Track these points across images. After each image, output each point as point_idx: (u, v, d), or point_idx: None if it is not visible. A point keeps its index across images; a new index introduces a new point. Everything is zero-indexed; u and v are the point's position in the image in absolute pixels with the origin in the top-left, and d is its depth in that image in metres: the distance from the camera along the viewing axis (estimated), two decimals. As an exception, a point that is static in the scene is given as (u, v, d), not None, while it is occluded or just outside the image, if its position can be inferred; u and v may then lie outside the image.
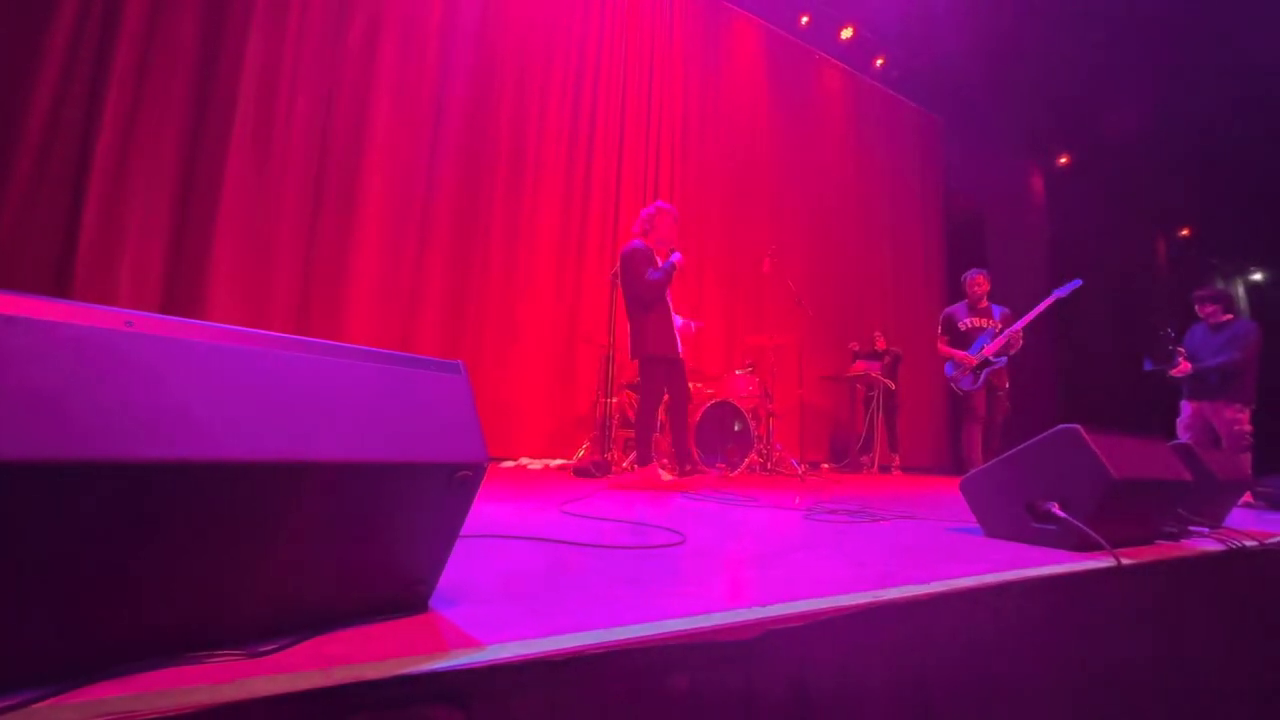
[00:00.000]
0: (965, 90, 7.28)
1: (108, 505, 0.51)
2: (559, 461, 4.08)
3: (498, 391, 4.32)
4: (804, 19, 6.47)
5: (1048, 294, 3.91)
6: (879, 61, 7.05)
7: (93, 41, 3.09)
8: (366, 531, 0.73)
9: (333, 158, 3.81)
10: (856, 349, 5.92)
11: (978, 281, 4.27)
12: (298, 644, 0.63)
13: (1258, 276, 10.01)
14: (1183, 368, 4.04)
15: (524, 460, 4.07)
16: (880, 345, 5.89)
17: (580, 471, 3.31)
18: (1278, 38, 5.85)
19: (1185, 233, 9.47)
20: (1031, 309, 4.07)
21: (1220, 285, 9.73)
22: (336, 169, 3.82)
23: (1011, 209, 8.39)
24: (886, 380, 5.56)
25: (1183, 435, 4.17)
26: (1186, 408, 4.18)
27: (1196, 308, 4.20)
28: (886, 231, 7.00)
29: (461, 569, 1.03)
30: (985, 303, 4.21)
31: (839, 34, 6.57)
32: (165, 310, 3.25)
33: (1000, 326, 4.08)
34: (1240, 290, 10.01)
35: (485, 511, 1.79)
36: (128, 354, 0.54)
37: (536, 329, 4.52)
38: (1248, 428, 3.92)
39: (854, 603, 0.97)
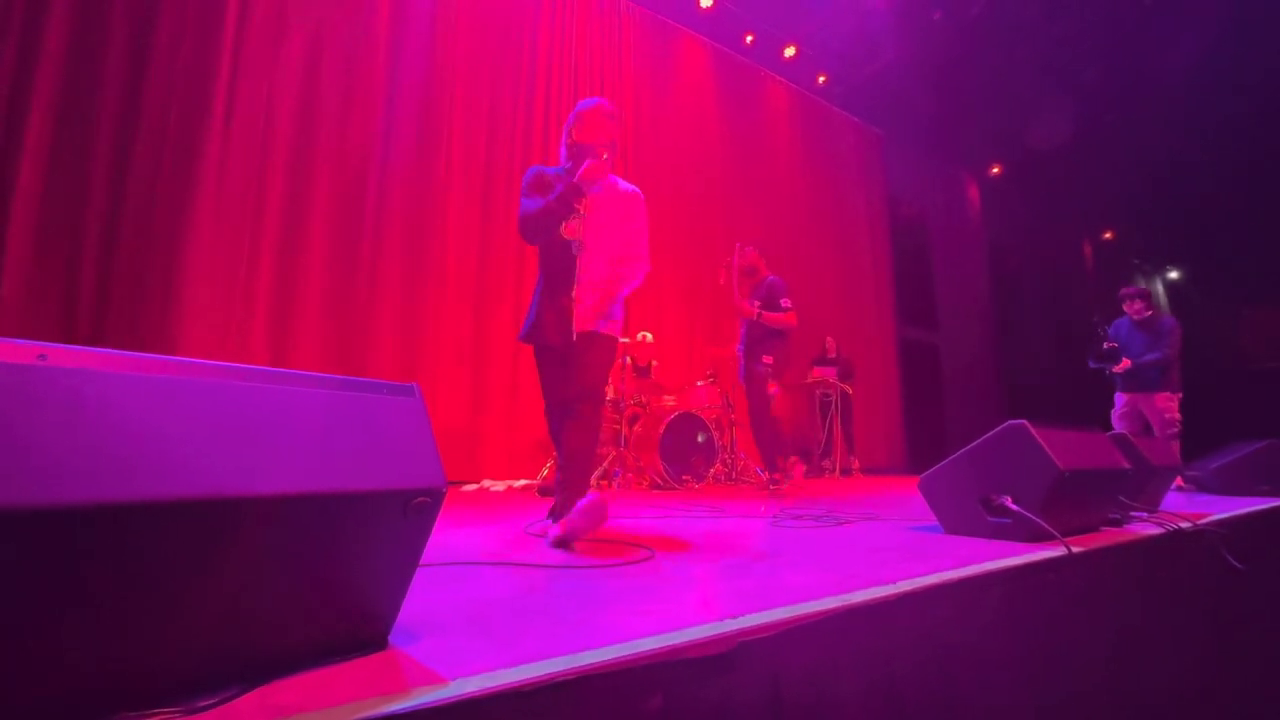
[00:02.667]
0: (903, 104, 7.61)
1: (23, 555, 0.47)
2: (523, 482, 4.00)
3: (458, 413, 4.22)
4: (749, 38, 6.66)
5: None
6: (821, 78, 7.31)
7: (9, 60, 2.91)
8: (317, 567, 0.69)
9: (278, 175, 3.67)
10: (816, 356, 6.06)
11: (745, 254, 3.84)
12: (243, 695, 0.58)
13: (1174, 274, 10.77)
14: (1124, 365, 4.28)
15: (486, 483, 3.97)
16: (830, 352, 6.04)
17: (545, 491, 3.25)
18: (1182, 57, 6.35)
19: (1109, 236, 10.12)
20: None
21: (1142, 283, 10.43)
22: (282, 187, 3.69)
23: (951, 216, 8.79)
24: (843, 385, 5.70)
25: (1117, 425, 4.39)
26: (1120, 399, 4.42)
27: (1124, 305, 4.47)
28: (836, 240, 7.22)
29: (422, 600, 0.99)
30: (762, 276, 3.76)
31: (782, 52, 6.80)
32: (102, 339, 3.05)
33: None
34: (1159, 287, 10.75)
35: (446, 538, 1.73)
36: (40, 391, 0.50)
37: (495, 348, 4.44)
38: (1177, 415, 4.17)
39: (824, 608, 0.97)
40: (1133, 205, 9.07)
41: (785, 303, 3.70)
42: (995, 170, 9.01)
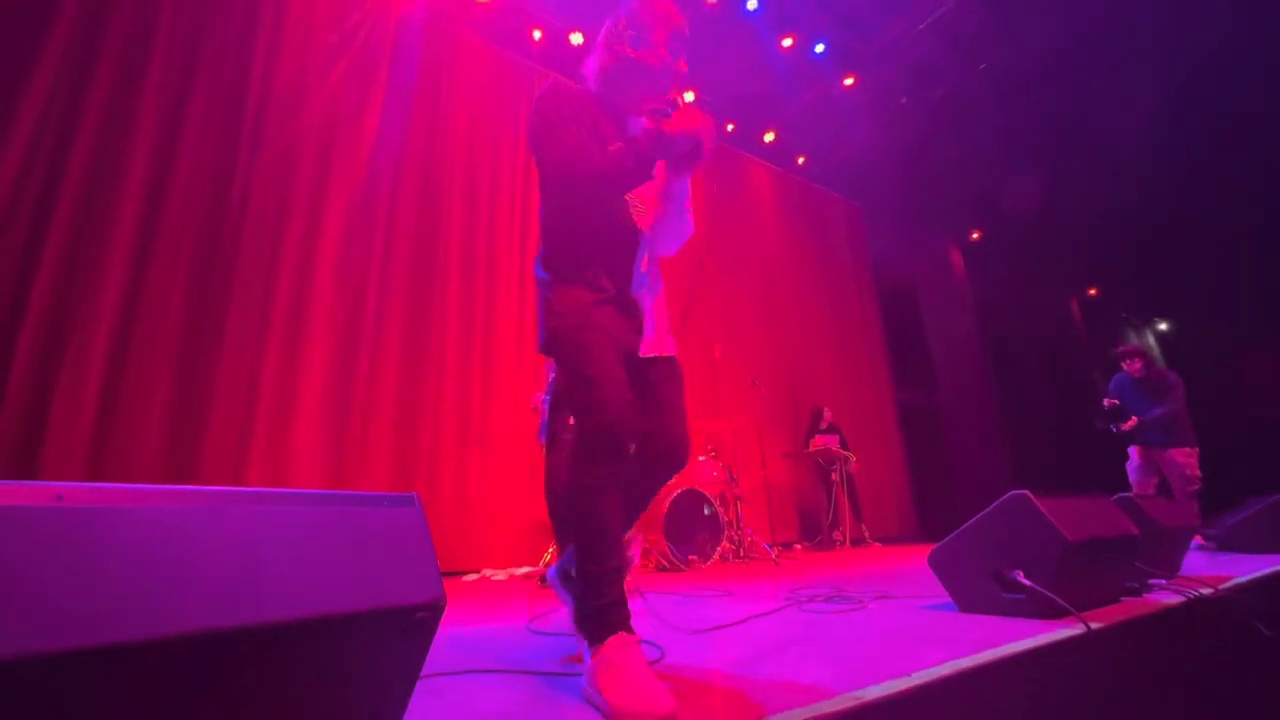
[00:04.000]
0: (880, 179, 8.03)
1: (44, 700, 0.47)
2: (524, 570, 3.89)
3: (458, 499, 4.16)
4: (730, 126, 7.12)
5: None
6: (801, 159, 7.74)
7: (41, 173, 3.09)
8: (316, 689, 0.68)
9: (285, 263, 3.80)
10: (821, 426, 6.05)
11: None
12: (236, 841, 0.56)
13: (1163, 326, 10.95)
14: (1131, 423, 4.26)
15: (487, 572, 3.86)
16: (825, 421, 6.03)
17: (546, 580, 3.15)
18: (1132, 124, 6.78)
19: (1093, 292, 10.36)
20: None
21: (1134, 339, 10.58)
22: (288, 274, 3.80)
23: (938, 280, 9.03)
24: (845, 453, 5.66)
25: (1134, 477, 4.30)
26: (1134, 453, 4.33)
27: (1122, 364, 4.45)
28: (827, 310, 7.39)
29: (421, 715, 0.96)
30: None
31: (762, 138, 7.24)
32: (96, 445, 3.06)
33: None
34: (1150, 339, 10.90)
35: (447, 637, 1.68)
36: (59, 534, 0.52)
37: (495, 431, 4.44)
38: (1198, 471, 4.07)
39: (837, 708, 0.94)
40: (1112, 262, 9.37)
41: None
42: (975, 235, 9.35)
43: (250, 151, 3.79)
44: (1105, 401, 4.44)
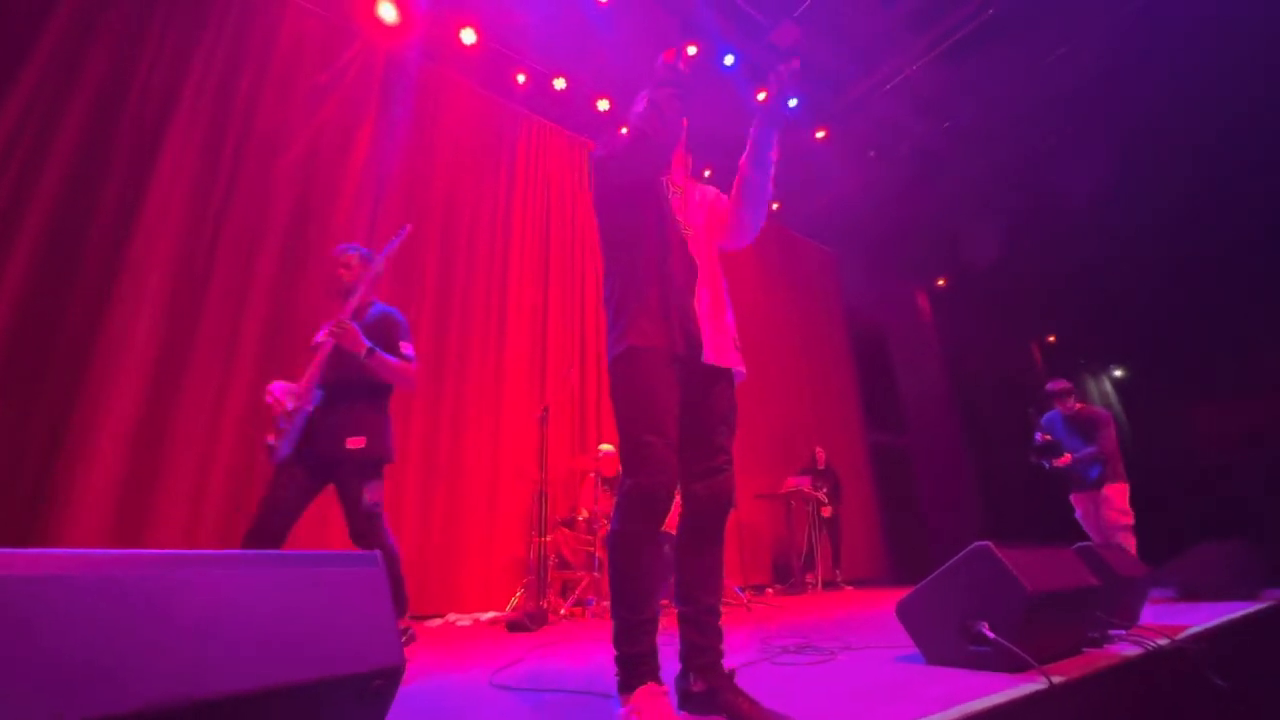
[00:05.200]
0: (852, 226, 8.32)
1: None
2: (490, 615, 3.77)
3: (422, 540, 4.04)
4: (706, 173, 7.34)
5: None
6: (775, 205, 7.99)
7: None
8: (262, 768, 0.65)
9: (254, 302, 3.74)
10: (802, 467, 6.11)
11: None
12: None
13: (1119, 373, 11.40)
14: (1064, 459, 4.19)
15: (451, 616, 3.73)
16: (820, 463, 6.08)
17: (514, 626, 3.07)
18: (1087, 180, 7.19)
19: (1052, 339, 10.77)
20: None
21: (1091, 384, 10.98)
22: (256, 314, 3.74)
23: (907, 325, 9.30)
24: (816, 495, 5.68)
25: (1087, 525, 4.24)
26: (1077, 503, 4.28)
27: (1054, 402, 4.39)
28: (801, 353, 7.52)
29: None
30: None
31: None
32: (33, 501, 2.91)
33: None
34: (1107, 385, 11.31)
35: (402, 693, 1.61)
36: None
37: (462, 471, 4.35)
38: (1127, 505, 3.99)
39: (801, 772, 0.93)
40: (1069, 310, 9.79)
41: None
42: (941, 282, 9.70)
43: (226, 190, 3.76)
44: (1038, 436, 4.37)
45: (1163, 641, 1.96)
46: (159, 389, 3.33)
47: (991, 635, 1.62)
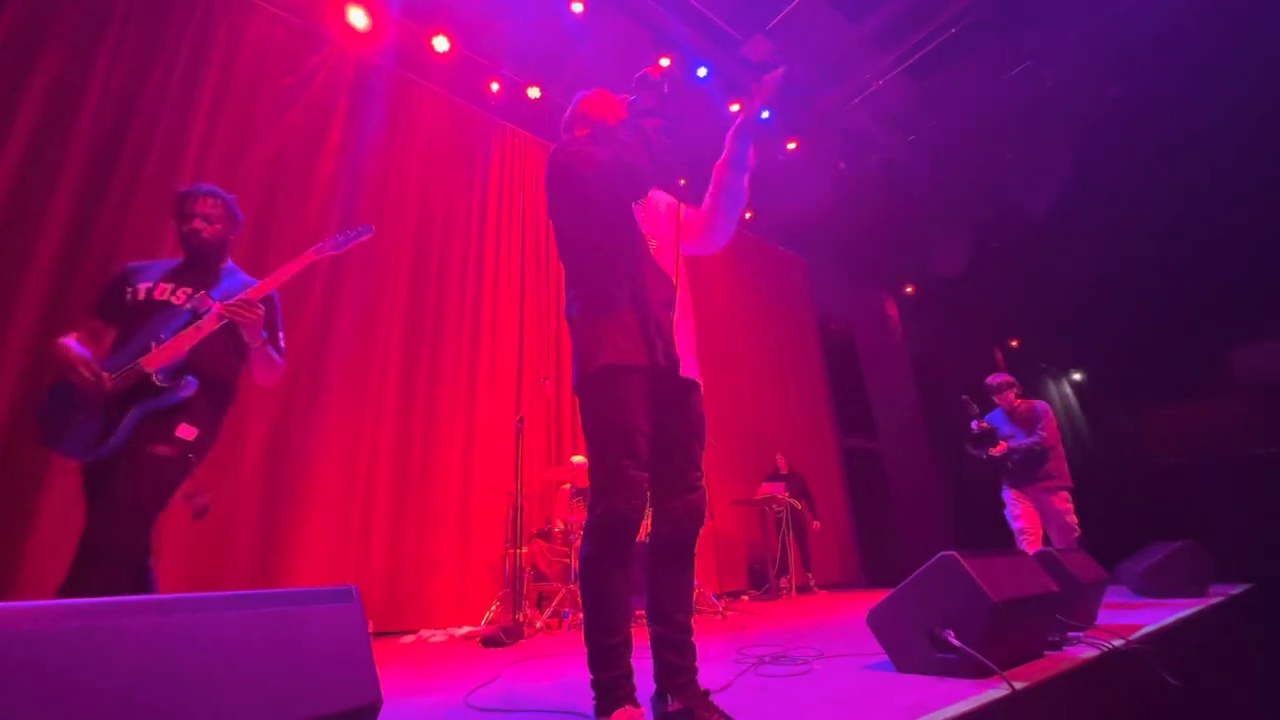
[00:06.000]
0: (822, 235, 8.48)
1: None
2: (464, 630, 3.72)
3: (393, 554, 3.97)
4: (681, 181, 7.40)
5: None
6: (748, 214, 8.10)
7: None
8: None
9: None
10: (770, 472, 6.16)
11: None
12: None
13: (1078, 376, 11.83)
14: (1001, 448, 3.91)
15: (424, 633, 3.67)
16: (783, 468, 6.16)
17: (489, 641, 3.04)
18: (1045, 195, 7.47)
19: (1015, 344, 11.12)
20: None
21: (1051, 387, 11.37)
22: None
23: (876, 331, 9.50)
24: (792, 501, 5.76)
25: (1018, 525, 3.89)
26: (1011, 499, 3.95)
27: (995, 397, 4.13)
28: (774, 360, 7.62)
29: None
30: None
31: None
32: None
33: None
34: (1067, 389, 11.73)
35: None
36: (-41, 666, 0.49)
37: (433, 483, 4.29)
38: (1074, 518, 3.76)
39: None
40: (1032, 315, 10.14)
41: None
42: (909, 289, 9.94)
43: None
44: (974, 424, 4.07)
45: (1118, 643, 2.05)
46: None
47: (957, 643, 1.67)
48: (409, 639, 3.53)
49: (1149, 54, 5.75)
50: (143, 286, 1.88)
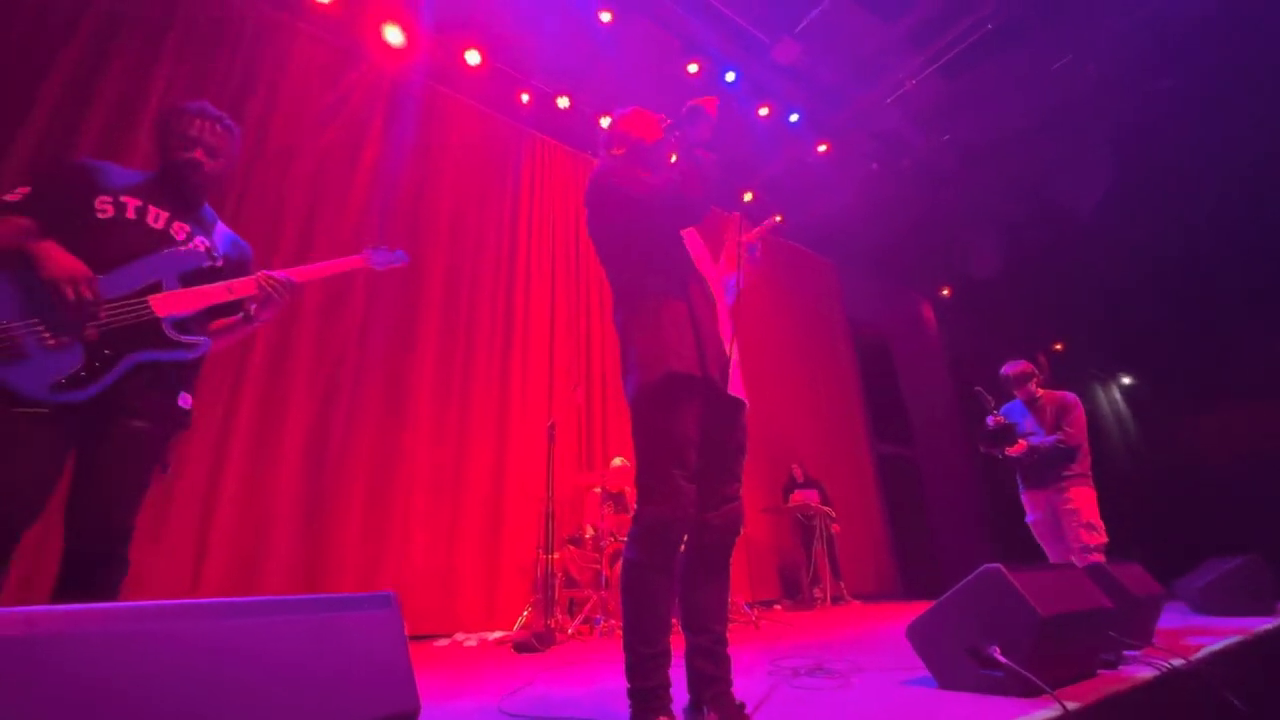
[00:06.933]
0: (853, 237, 8.34)
1: None
2: (497, 634, 3.75)
3: (430, 559, 4.04)
4: (747, 195, 7.40)
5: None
6: (778, 218, 8.03)
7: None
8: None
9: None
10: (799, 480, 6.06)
11: None
12: None
13: (1127, 380, 11.33)
14: (1020, 447, 3.43)
15: (459, 636, 3.71)
16: (798, 477, 6.04)
17: (521, 646, 3.06)
18: (1091, 193, 7.20)
19: (1059, 347, 10.72)
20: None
21: (1100, 392, 10.91)
22: (267, 330, 3.77)
23: (911, 334, 9.29)
24: (825, 509, 5.65)
25: (1042, 536, 3.47)
26: (1029, 502, 3.51)
27: (1014, 390, 3.64)
28: (804, 365, 7.50)
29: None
30: None
31: (741, 197, 7.53)
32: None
33: None
34: (1116, 394, 11.24)
35: (415, 723, 1.60)
36: (31, 665, 0.51)
37: (469, 491, 4.35)
38: (1098, 521, 3.21)
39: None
40: (1076, 317, 9.76)
41: None
42: (945, 292, 9.69)
43: (235, 209, 3.81)
44: (989, 420, 3.56)
45: (1178, 662, 1.94)
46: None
47: (1003, 660, 1.61)
48: (443, 642, 3.58)
49: (1200, 42, 5.50)
50: (130, 203, 1.52)
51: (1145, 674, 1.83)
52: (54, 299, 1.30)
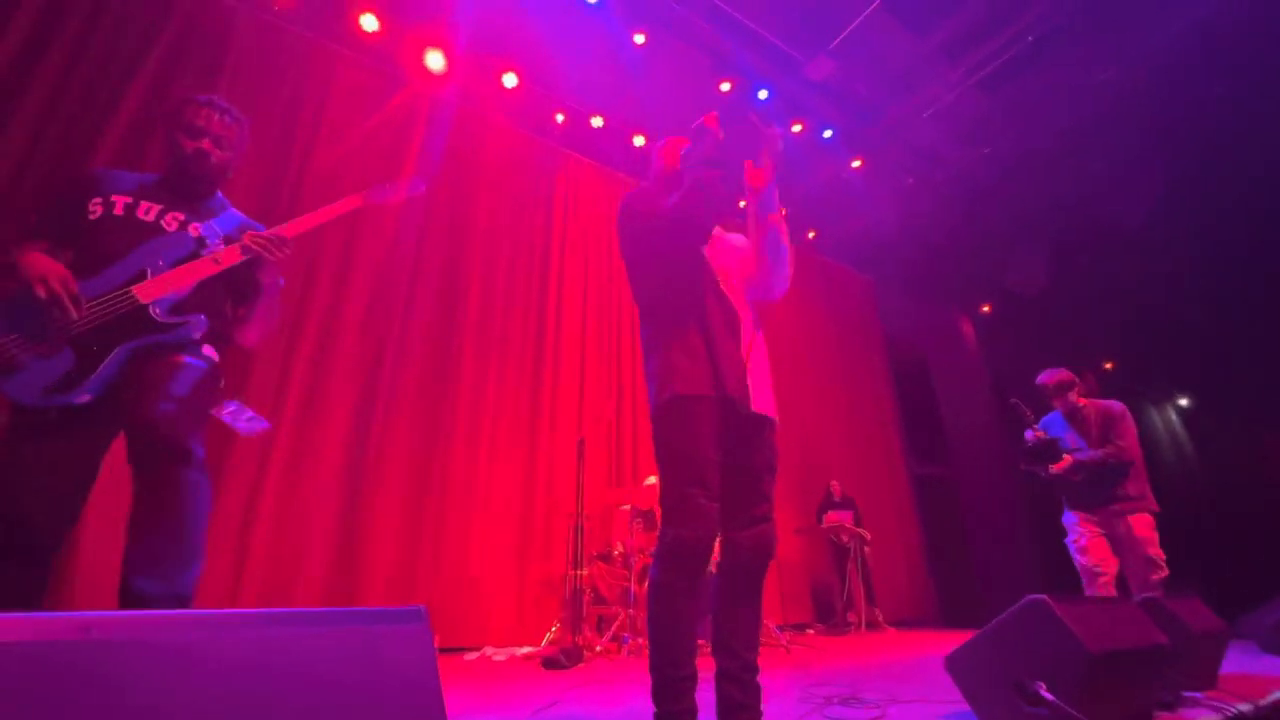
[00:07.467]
0: (890, 253, 8.20)
1: None
2: (526, 649, 3.75)
3: (460, 572, 4.08)
4: (741, 203, 7.37)
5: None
6: (811, 234, 7.96)
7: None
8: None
9: (306, 333, 3.90)
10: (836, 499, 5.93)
11: None
12: None
13: (1184, 401, 10.76)
14: (1064, 462, 3.10)
15: (488, 650, 3.72)
16: (836, 494, 5.90)
17: (549, 663, 3.05)
18: (1138, 205, 6.93)
19: (1109, 366, 10.27)
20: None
21: (1154, 414, 10.38)
22: (308, 344, 3.90)
23: (950, 352, 9.03)
24: (859, 530, 5.50)
25: (1082, 560, 3.06)
26: (1075, 525, 3.12)
27: (1053, 401, 3.32)
28: (839, 383, 7.37)
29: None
30: None
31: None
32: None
33: None
34: (1172, 415, 10.67)
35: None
36: (85, 669, 0.53)
37: (500, 504, 4.39)
38: (1160, 552, 2.89)
39: None
40: (1127, 335, 9.34)
41: None
42: (986, 309, 9.42)
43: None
44: (1029, 434, 3.23)
45: (1245, 707, 1.81)
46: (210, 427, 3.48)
47: (1050, 697, 1.53)
48: (472, 656, 3.59)
49: (1250, 51, 5.28)
50: (120, 200, 1.54)
51: (1208, 717, 1.71)
52: (33, 303, 1.32)
